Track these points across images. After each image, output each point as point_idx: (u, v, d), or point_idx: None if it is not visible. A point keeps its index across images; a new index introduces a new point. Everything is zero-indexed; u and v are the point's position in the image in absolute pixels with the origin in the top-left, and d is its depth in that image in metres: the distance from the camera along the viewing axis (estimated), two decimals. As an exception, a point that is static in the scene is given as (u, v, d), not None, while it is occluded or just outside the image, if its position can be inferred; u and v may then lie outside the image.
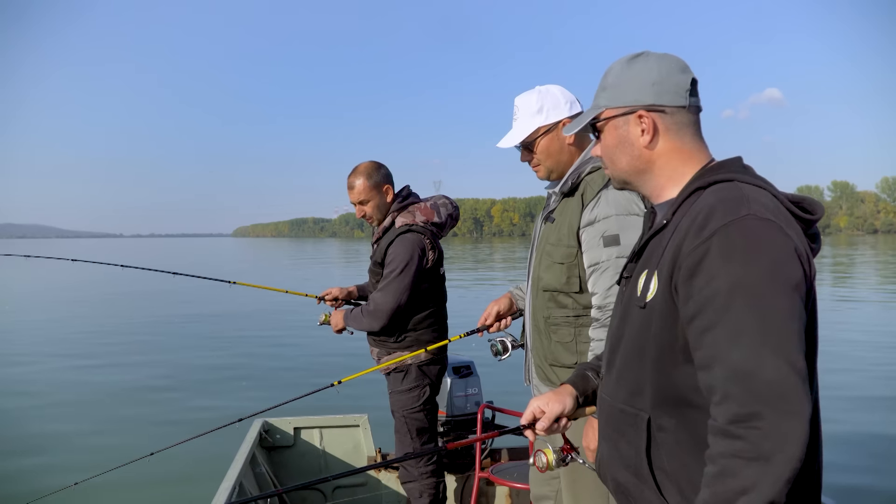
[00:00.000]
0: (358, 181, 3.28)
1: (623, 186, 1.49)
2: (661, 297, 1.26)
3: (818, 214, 1.26)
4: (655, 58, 1.39)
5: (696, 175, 1.35)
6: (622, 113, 1.40)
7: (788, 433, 1.06)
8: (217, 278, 4.22)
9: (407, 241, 3.20)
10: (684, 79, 1.37)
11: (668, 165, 1.39)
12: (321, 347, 11.31)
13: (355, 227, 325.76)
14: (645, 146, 1.39)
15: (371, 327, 3.26)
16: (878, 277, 26.70)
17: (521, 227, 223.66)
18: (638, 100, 1.37)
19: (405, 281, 3.17)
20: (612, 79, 1.42)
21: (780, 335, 1.10)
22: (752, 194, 1.21)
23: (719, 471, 1.10)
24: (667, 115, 1.36)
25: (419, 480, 3.31)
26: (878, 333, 12.40)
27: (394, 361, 3.24)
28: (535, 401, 1.66)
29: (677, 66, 1.38)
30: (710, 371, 1.15)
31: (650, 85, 1.36)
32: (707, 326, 1.15)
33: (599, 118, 1.44)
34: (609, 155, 1.46)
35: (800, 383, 1.08)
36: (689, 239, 1.20)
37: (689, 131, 1.38)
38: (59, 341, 13.07)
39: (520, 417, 1.68)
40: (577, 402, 1.67)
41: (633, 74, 1.39)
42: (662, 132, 1.37)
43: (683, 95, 1.36)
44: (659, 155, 1.39)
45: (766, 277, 1.12)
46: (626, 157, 1.42)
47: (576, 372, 1.74)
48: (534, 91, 2.31)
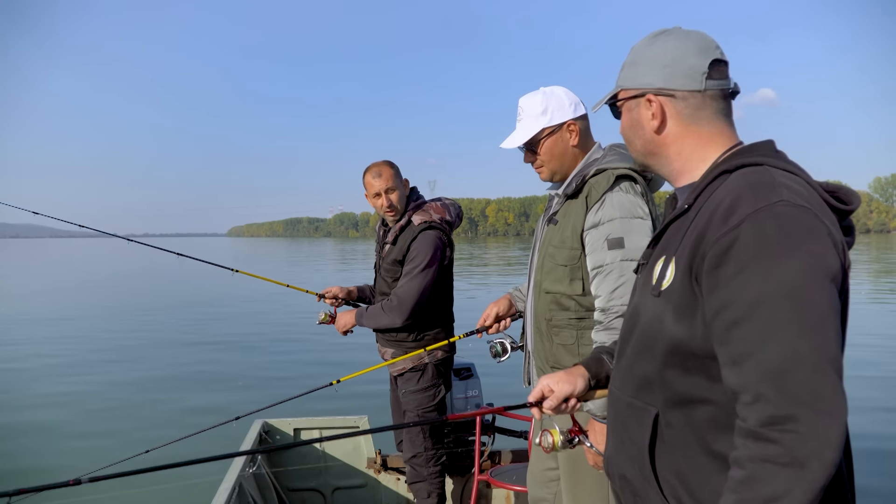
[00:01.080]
0: (385, 170, 3.29)
1: (644, 168, 1.45)
2: (679, 285, 1.19)
3: (854, 205, 1.18)
4: (675, 37, 1.32)
5: (722, 158, 1.27)
6: (634, 95, 1.35)
7: (827, 437, 0.99)
8: (220, 265, 4.20)
9: (430, 238, 3.24)
10: (700, 61, 1.28)
11: (684, 150, 1.32)
12: (320, 345, 11.31)
13: (350, 227, 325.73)
14: (654, 131, 1.33)
15: (393, 323, 3.24)
16: (870, 277, 26.79)
17: (515, 227, 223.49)
18: (648, 83, 1.32)
19: (429, 276, 3.21)
20: (632, 56, 1.37)
21: (819, 331, 1.02)
22: (784, 179, 1.13)
23: (747, 476, 1.03)
24: (677, 99, 1.30)
25: (428, 480, 3.31)
26: (872, 336, 12.40)
27: (402, 359, 3.24)
28: (545, 379, 1.62)
29: (696, 46, 1.30)
30: (739, 368, 1.07)
31: (662, 67, 1.30)
32: (736, 320, 1.07)
33: (617, 97, 1.39)
34: (626, 137, 1.41)
35: (838, 383, 1.02)
36: (715, 226, 1.12)
37: (707, 115, 1.30)
38: (58, 340, 13.01)
39: (520, 420, 1.65)
40: (588, 385, 1.62)
41: (649, 55, 1.33)
42: (671, 117, 1.31)
43: (698, 79, 1.28)
44: (672, 140, 1.33)
45: (804, 268, 1.04)
46: (640, 140, 1.37)
47: (591, 354, 1.70)
48: (538, 92, 2.30)
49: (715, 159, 1.28)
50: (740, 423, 1.07)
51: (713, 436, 1.16)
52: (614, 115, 1.43)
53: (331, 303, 3.61)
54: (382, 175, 3.28)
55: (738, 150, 1.27)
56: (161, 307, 17.64)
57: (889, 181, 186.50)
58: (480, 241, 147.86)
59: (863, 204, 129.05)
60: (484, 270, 32.91)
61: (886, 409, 7.53)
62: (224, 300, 17.01)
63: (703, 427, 1.18)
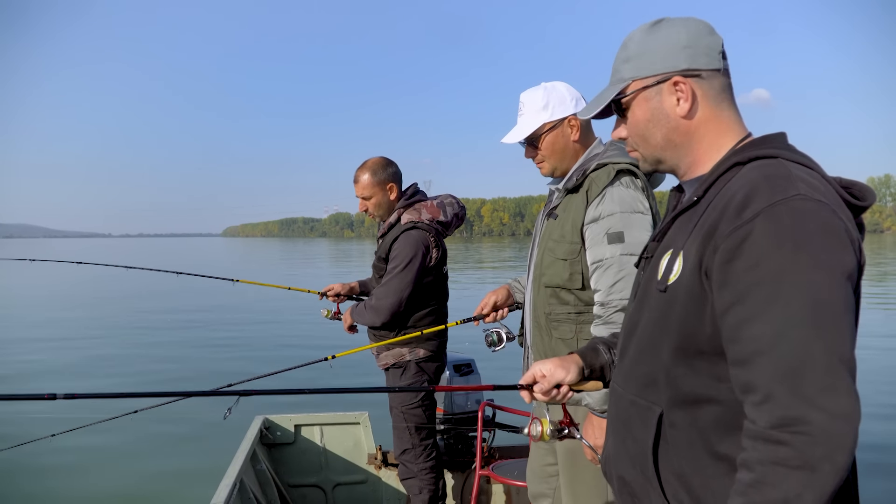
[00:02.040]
0: (364, 176, 3.30)
1: (655, 168, 1.35)
2: (688, 280, 1.14)
3: (869, 201, 1.14)
4: (681, 21, 1.28)
5: (735, 149, 1.23)
6: (654, 83, 1.27)
7: (839, 439, 0.96)
8: (220, 276, 4.21)
9: (411, 238, 3.21)
10: (715, 40, 1.26)
11: (707, 136, 1.27)
12: (319, 330, 11.36)
13: (345, 226, 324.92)
14: (683, 116, 1.26)
15: (373, 322, 3.26)
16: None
17: (510, 227, 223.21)
18: (671, 66, 1.25)
19: (407, 278, 3.17)
20: (636, 47, 1.29)
21: (834, 330, 0.99)
22: (800, 173, 1.09)
23: (757, 479, 1.00)
24: (704, 79, 1.25)
25: (419, 477, 3.31)
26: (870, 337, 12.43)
27: (384, 343, 3.26)
28: (538, 364, 1.59)
29: (706, 27, 1.27)
30: (749, 367, 1.03)
31: (682, 48, 1.24)
32: (748, 317, 1.03)
33: (626, 92, 1.31)
34: (640, 132, 1.32)
35: (852, 385, 0.99)
36: (728, 219, 1.08)
37: (727, 97, 1.27)
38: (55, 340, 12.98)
39: (521, 415, 1.63)
40: (581, 373, 1.58)
41: (661, 40, 1.26)
42: (701, 99, 1.25)
43: (717, 58, 1.25)
44: (698, 125, 1.26)
45: (819, 265, 1.01)
46: (662, 130, 1.29)
47: (588, 343, 1.66)
48: (539, 87, 2.32)
49: (728, 150, 1.24)
50: (749, 425, 1.03)
51: (718, 437, 1.14)
52: (619, 113, 1.35)
53: (333, 300, 3.65)
54: (358, 182, 3.31)
55: (750, 142, 1.23)
56: (158, 312, 17.47)
57: (882, 181, 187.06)
58: (476, 240, 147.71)
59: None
60: (472, 271, 32.84)
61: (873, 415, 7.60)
62: (226, 309, 16.90)
63: (709, 428, 1.14)
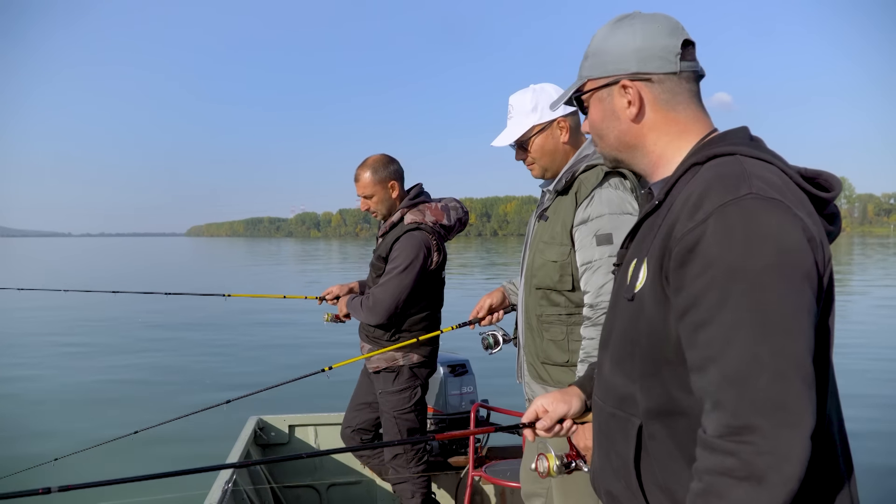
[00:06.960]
0: (365, 174, 3.25)
1: (615, 165, 1.35)
2: (651, 287, 1.11)
3: (835, 191, 1.10)
4: (641, 20, 1.25)
5: (694, 148, 1.20)
6: (605, 84, 1.26)
7: (786, 450, 0.92)
8: (211, 293, 4.18)
9: (414, 239, 3.15)
10: (673, 42, 1.22)
11: (661, 140, 1.24)
12: (314, 338, 11.29)
13: (311, 226, 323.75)
14: (632, 119, 1.24)
15: (368, 321, 3.23)
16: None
17: (476, 228, 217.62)
18: (621, 68, 1.23)
19: (406, 279, 3.12)
20: (595, 45, 1.29)
21: (783, 334, 0.95)
22: (755, 170, 1.06)
23: (704, 489, 0.98)
24: (654, 83, 1.22)
25: (411, 481, 3.28)
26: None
27: (374, 354, 3.22)
28: (540, 399, 1.57)
29: (666, 27, 1.23)
30: (703, 374, 1.00)
31: (633, 51, 1.22)
32: (701, 323, 1.00)
33: (583, 90, 1.31)
34: (596, 131, 1.32)
35: (804, 391, 0.94)
36: (682, 222, 1.05)
37: (683, 100, 1.23)
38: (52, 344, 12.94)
39: (514, 416, 1.63)
40: (584, 406, 1.56)
41: (616, 40, 1.25)
42: (649, 103, 1.23)
43: (672, 60, 1.21)
44: (649, 129, 1.24)
45: (770, 266, 0.96)
46: (614, 132, 1.28)
47: (586, 373, 1.63)
48: (528, 90, 2.32)
49: (689, 150, 1.21)
50: (700, 433, 1.01)
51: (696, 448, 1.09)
52: (581, 110, 1.35)
53: (332, 303, 3.60)
54: (359, 181, 3.26)
55: (709, 140, 1.20)
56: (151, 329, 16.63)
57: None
58: (466, 240, 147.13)
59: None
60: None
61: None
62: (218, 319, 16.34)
63: (686, 439, 1.09)
